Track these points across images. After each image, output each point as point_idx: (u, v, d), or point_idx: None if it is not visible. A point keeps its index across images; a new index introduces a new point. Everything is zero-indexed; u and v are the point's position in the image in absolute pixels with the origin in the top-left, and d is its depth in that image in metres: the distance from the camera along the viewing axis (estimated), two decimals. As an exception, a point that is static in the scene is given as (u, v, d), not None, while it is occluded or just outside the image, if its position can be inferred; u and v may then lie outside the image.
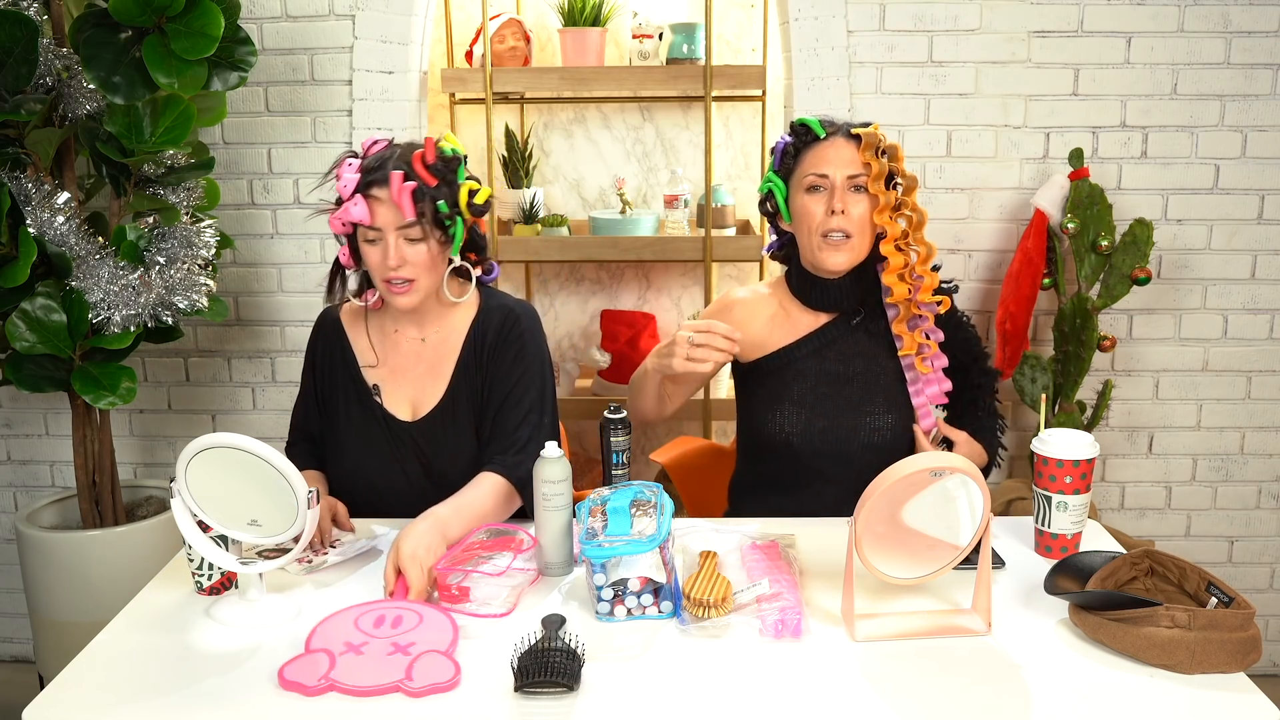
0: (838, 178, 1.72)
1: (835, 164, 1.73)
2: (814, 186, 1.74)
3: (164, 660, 1.29)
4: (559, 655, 1.21)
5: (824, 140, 1.75)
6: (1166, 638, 1.22)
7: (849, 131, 1.74)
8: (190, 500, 1.36)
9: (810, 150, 1.76)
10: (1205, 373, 2.70)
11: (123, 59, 2.03)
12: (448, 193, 1.62)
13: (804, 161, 1.76)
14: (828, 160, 1.73)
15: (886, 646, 1.30)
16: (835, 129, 1.77)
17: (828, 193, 1.73)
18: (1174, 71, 2.54)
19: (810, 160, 1.75)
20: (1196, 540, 2.79)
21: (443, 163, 1.64)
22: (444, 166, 1.64)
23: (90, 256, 2.11)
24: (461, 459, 1.73)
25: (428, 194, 1.60)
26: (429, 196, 1.60)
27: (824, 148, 1.74)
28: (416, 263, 1.62)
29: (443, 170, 1.63)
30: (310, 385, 1.82)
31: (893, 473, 1.27)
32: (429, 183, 1.60)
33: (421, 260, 1.62)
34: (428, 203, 1.60)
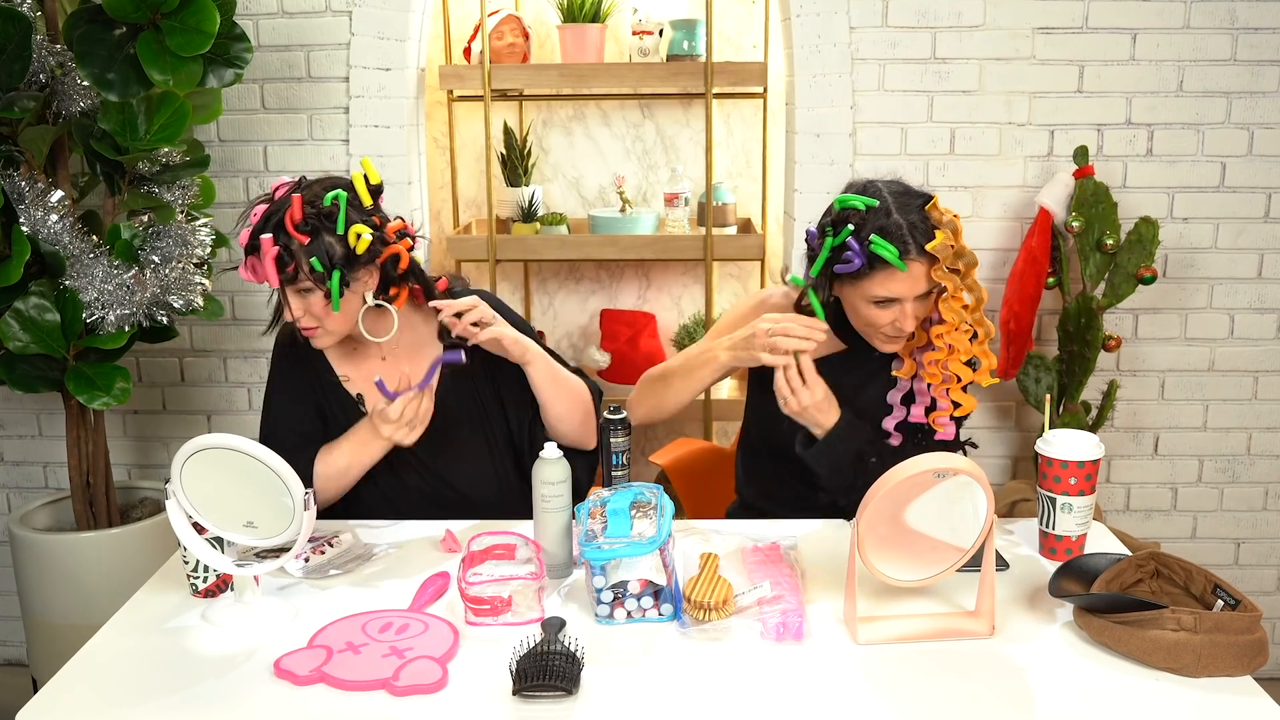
0: (909, 297, 1.62)
1: (908, 288, 1.60)
2: (881, 302, 1.63)
3: (159, 664, 1.29)
4: (558, 658, 1.21)
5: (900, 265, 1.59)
6: (1172, 641, 1.22)
7: (922, 248, 1.58)
8: (185, 502, 1.36)
9: (880, 271, 1.60)
10: (1211, 373, 2.70)
11: (117, 55, 2.03)
12: (321, 249, 1.60)
13: (872, 280, 1.61)
14: (901, 285, 1.60)
15: (889, 650, 1.30)
16: (906, 248, 1.58)
17: (895, 308, 1.63)
18: (1180, 68, 2.54)
19: (879, 282, 1.61)
20: (1202, 542, 2.79)
21: (315, 218, 1.60)
22: (317, 222, 1.60)
23: (84, 255, 2.11)
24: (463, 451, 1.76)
25: (296, 253, 1.59)
26: (301, 255, 1.59)
27: (898, 272, 1.59)
28: (314, 312, 1.65)
29: (315, 226, 1.60)
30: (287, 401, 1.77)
31: (896, 474, 1.27)
32: (300, 241, 1.59)
33: (319, 310, 1.64)
34: (301, 261, 1.59)
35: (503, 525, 1.66)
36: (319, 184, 1.65)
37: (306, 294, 1.63)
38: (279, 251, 1.58)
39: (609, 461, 1.63)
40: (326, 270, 1.60)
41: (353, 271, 1.63)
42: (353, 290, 1.64)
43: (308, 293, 1.63)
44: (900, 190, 1.66)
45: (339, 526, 1.68)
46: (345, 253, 1.61)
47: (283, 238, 1.59)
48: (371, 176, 1.66)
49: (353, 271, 1.63)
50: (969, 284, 1.60)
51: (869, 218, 1.61)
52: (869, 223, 1.60)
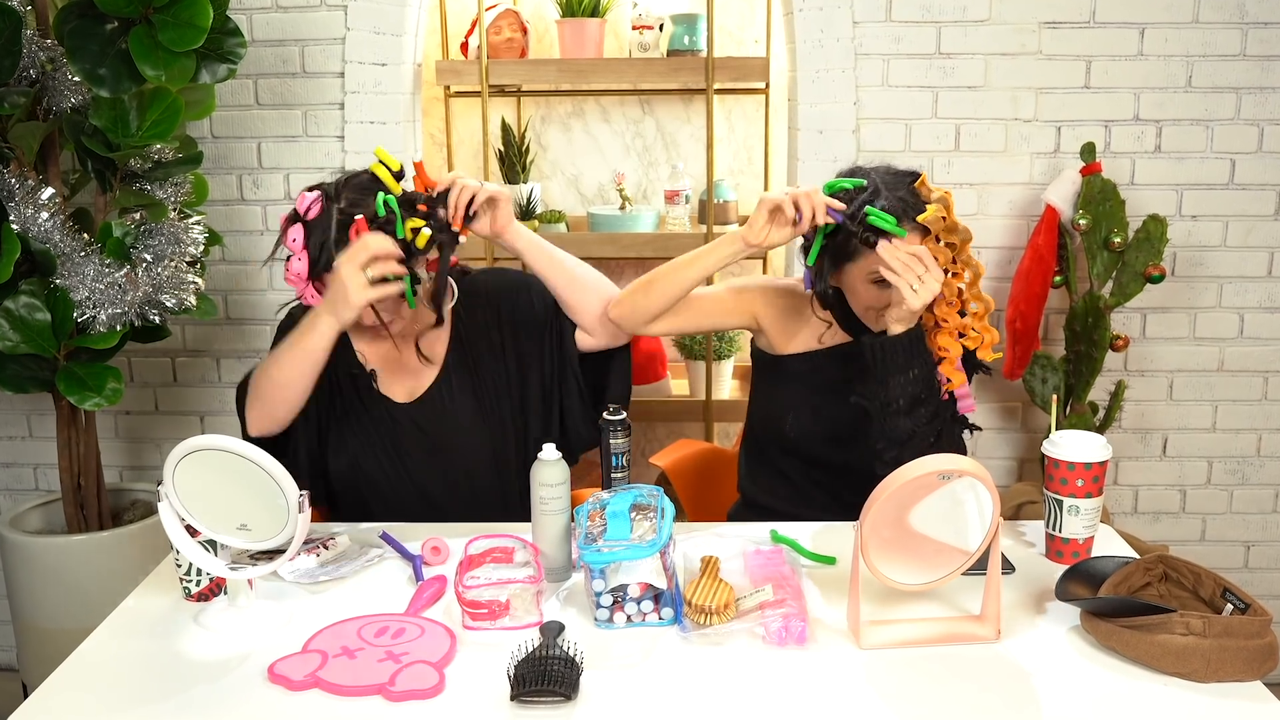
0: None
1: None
2: (879, 280, 1.65)
3: (151, 668, 1.29)
4: (557, 663, 1.21)
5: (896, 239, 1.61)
6: (1181, 645, 1.22)
7: (914, 220, 1.61)
8: (178, 504, 1.36)
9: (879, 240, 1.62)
10: (1221, 373, 2.70)
11: (108, 51, 2.03)
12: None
13: (869, 257, 1.64)
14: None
15: (893, 654, 1.30)
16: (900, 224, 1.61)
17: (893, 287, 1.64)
18: (1188, 64, 2.54)
19: (876, 258, 1.62)
20: (1212, 545, 2.79)
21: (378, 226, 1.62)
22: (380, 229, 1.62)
23: (75, 254, 2.11)
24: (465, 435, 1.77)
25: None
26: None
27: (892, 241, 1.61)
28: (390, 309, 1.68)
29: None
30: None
31: (900, 476, 1.27)
32: None
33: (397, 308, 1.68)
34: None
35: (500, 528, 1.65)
36: (349, 189, 1.66)
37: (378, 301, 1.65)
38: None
39: (608, 463, 1.64)
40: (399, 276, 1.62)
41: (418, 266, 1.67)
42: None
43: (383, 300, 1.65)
44: (888, 171, 1.69)
45: (335, 529, 1.68)
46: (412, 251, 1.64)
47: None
48: (391, 164, 1.68)
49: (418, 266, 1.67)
50: (964, 259, 1.63)
51: (858, 198, 1.64)
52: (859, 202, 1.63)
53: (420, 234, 1.64)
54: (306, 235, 1.63)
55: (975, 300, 1.65)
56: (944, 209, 1.61)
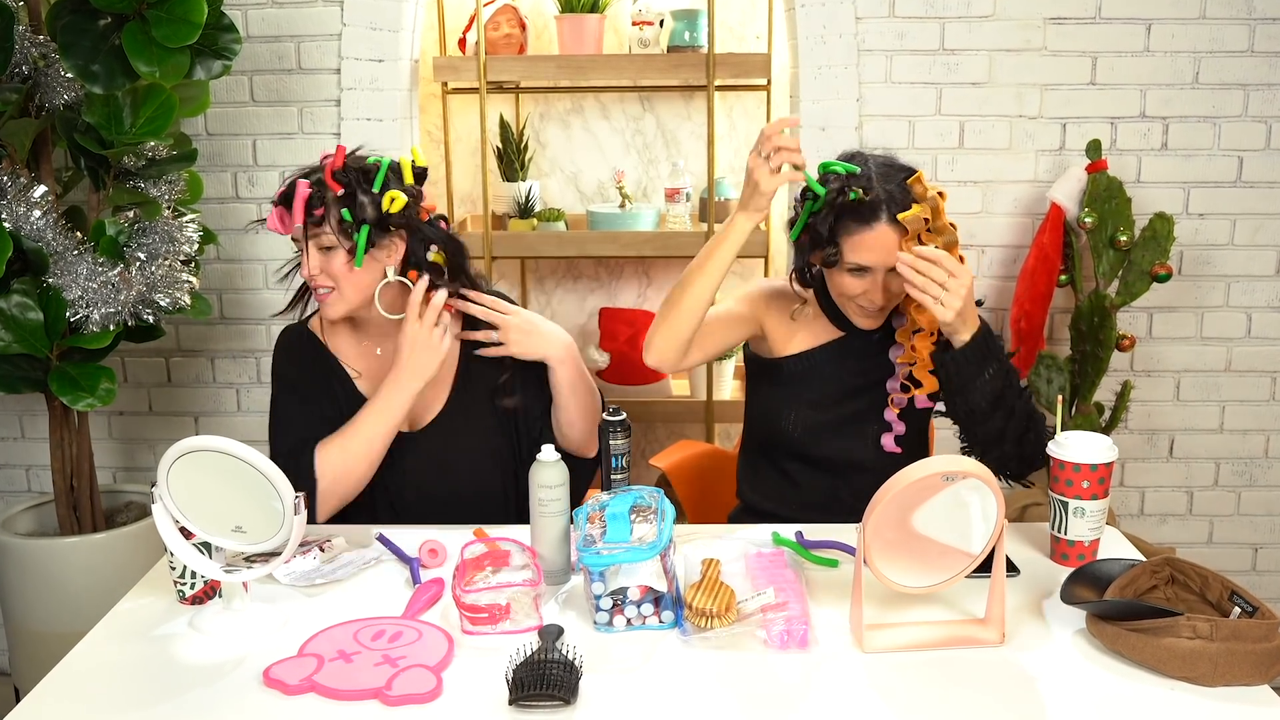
0: (880, 267, 1.65)
1: (878, 255, 1.63)
2: (854, 270, 1.67)
3: (145, 672, 1.29)
4: (556, 667, 1.21)
5: (869, 228, 1.63)
6: (1188, 649, 1.22)
7: (893, 215, 1.61)
8: (172, 506, 1.36)
9: (851, 236, 1.64)
10: (1228, 373, 2.70)
11: (102, 47, 2.03)
12: (353, 202, 1.63)
13: (842, 246, 1.66)
14: (870, 252, 1.64)
15: (896, 658, 1.30)
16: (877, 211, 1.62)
17: (868, 278, 1.66)
18: (1195, 60, 2.54)
19: (850, 247, 1.65)
20: (1219, 547, 2.79)
21: (356, 171, 1.65)
22: (356, 175, 1.65)
23: (68, 252, 2.11)
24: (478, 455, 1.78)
25: (329, 202, 1.63)
26: (333, 204, 1.63)
27: (867, 236, 1.63)
28: (331, 271, 1.67)
29: (351, 179, 1.64)
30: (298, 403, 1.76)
31: (903, 477, 1.27)
32: (334, 190, 1.63)
33: (337, 270, 1.67)
34: (331, 209, 1.63)
35: (498, 530, 1.65)
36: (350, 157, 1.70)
37: (328, 251, 1.65)
38: (311, 193, 1.62)
39: (608, 464, 1.64)
40: (355, 224, 1.62)
41: (380, 233, 1.65)
42: (374, 258, 1.66)
43: (329, 251, 1.65)
44: (886, 161, 1.69)
45: (331, 531, 1.68)
46: (376, 215, 1.64)
47: (318, 186, 1.63)
48: (419, 161, 1.71)
49: (380, 233, 1.65)
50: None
51: (849, 184, 1.64)
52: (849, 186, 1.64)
53: (395, 201, 1.65)
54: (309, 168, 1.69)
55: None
56: (931, 211, 1.61)
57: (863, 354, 1.79)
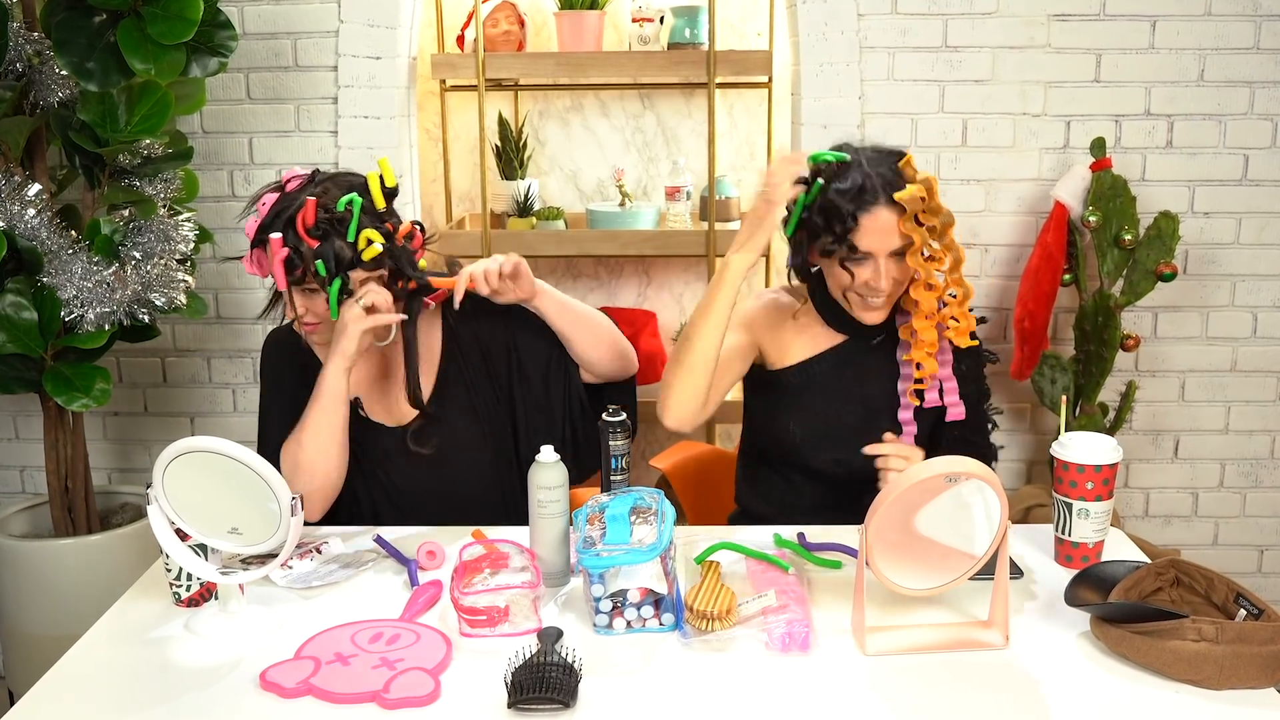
0: (880, 253, 1.64)
1: (878, 239, 1.63)
2: (855, 258, 1.66)
3: (140, 675, 1.29)
4: (555, 670, 1.21)
5: (867, 213, 1.62)
6: (1193, 651, 1.22)
7: (890, 197, 1.61)
8: (168, 507, 1.36)
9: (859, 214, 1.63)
10: (1233, 373, 2.70)
11: (97, 44, 2.03)
12: (331, 250, 1.63)
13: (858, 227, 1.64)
14: (869, 237, 1.63)
15: (898, 661, 1.30)
16: (873, 194, 1.62)
17: (869, 264, 1.65)
18: (1201, 57, 2.54)
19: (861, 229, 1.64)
20: (1224, 549, 2.79)
21: (328, 224, 1.63)
22: (329, 227, 1.63)
23: (63, 251, 2.11)
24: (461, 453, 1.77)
25: (306, 257, 1.63)
26: (309, 258, 1.63)
27: (866, 220, 1.63)
28: (316, 311, 1.69)
29: (326, 231, 1.63)
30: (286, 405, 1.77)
31: (905, 479, 1.27)
32: (309, 245, 1.63)
33: (322, 309, 1.68)
34: (309, 264, 1.63)
35: (497, 532, 1.65)
36: (334, 182, 1.68)
37: (312, 294, 1.67)
38: (288, 254, 1.62)
39: (608, 466, 1.64)
40: (330, 275, 1.63)
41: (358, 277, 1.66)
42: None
43: (313, 293, 1.67)
44: (874, 149, 1.70)
45: (328, 533, 1.68)
46: (353, 257, 1.64)
47: (292, 238, 1.62)
48: (388, 178, 1.69)
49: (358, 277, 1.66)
50: (945, 243, 1.64)
51: (840, 171, 1.65)
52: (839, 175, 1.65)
53: (370, 247, 1.63)
54: (274, 202, 1.66)
55: (955, 286, 1.66)
56: (925, 190, 1.62)
57: (863, 360, 1.78)
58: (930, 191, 1.62)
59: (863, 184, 1.63)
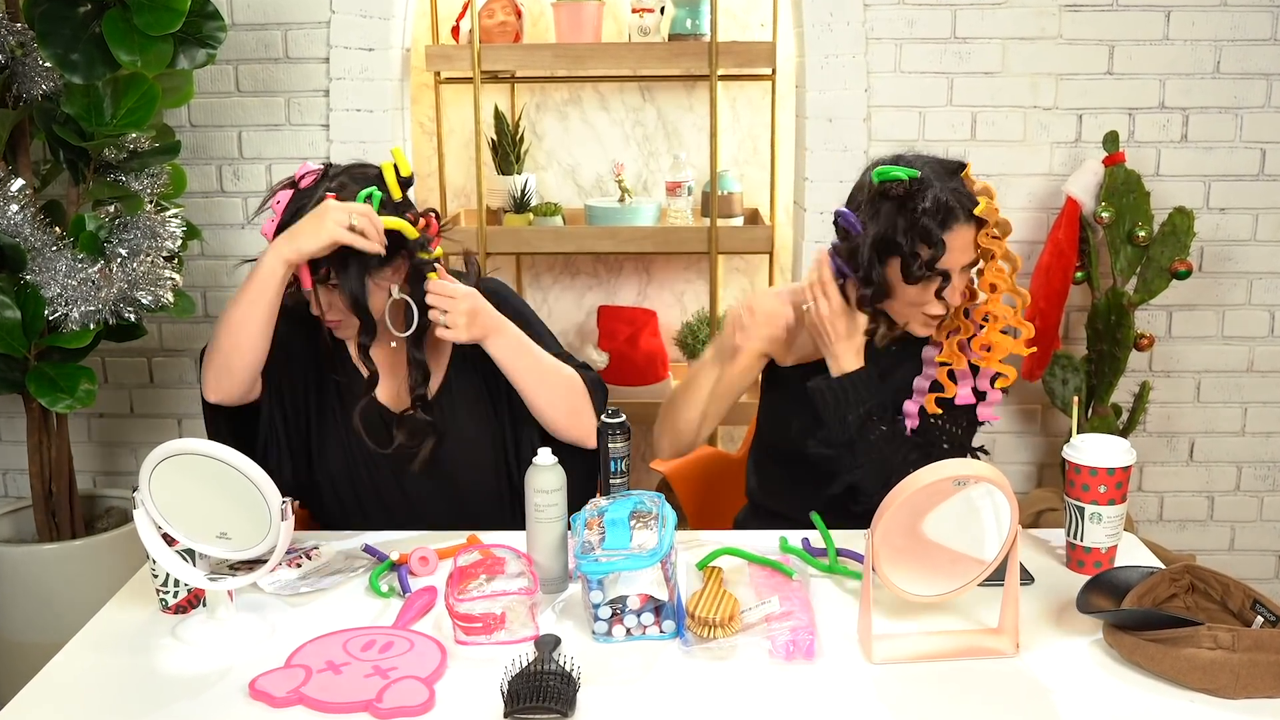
0: (956, 269, 1.65)
1: (958, 256, 1.63)
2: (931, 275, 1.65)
3: (127, 684, 1.29)
4: (553, 679, 1.21)
5: (950, 228, 1.62)
6: (1209, 660, 1.22)
7: (969, 213, 1.62)
8: (154, 511, 1.37)
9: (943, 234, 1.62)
10: (1250, 373, 2.70)
11: (81, 35, 2.03)
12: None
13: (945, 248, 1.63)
14: (951, 255, 1.63)
15: (906, 669, 1.30)
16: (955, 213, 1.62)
17: (950, 283, 1.65)
18: (1216, 48, 2.54)
19: (948, 249, 1.63)
20: (1241, 554, 2.79)
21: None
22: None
23: (46, 248, 2.11)
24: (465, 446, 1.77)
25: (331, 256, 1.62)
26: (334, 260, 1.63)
27: (953, 235, 1.62)
28: (339, 305, 1.68)
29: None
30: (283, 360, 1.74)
31: (912, 482, 1.27)
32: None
33: (344, 305, 1.68)
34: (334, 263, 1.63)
35: (493, 537, 1.66)
36: (348, 175, 1.68)
37: (334, 289, 1.67)
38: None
39: (607, 468, 1.64)
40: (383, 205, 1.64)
41: (380, 270, 1.66)
42: (378, 285, 1.67)
43: (335, 288, 1.67)
44: (936, 160, 1.70)
45: (320, 538, 1.68)
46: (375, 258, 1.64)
47: None
48: (402, 168, 1.69)
49: (380, 270, 1.66)
50: (1003, 251, 1.66)
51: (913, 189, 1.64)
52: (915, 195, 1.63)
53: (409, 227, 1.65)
54: (290, 200, 1.66)
55: (1015, 294, 1.69)
56: (989, 199, 1.64)
57: (873, 361, 1.78)
58: (991, 197, 1.65)
59: (946, 202, 1.62)
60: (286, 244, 1.59)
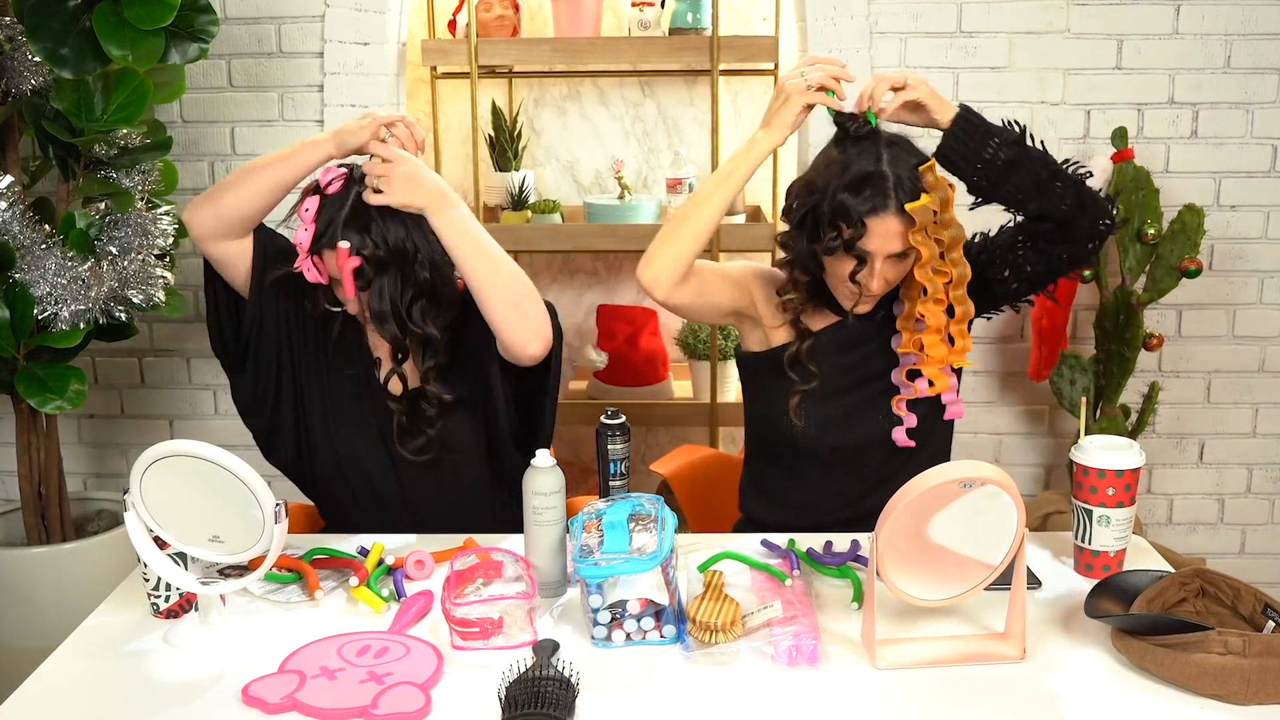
0: (879, 255, 1.64)
1: (881, 243, 1.62)
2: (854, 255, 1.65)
3: (117, 690, 1.29)
4: (551, 685, 1.21)
5: (876, 216, 1.61)
6: (1219, 665, 1.22)
7: (902, 205, 1.60)
8: (145, 514, 1.37)
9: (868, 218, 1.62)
10: (1262, 374, 2.70)
11: (71, 29, 2.03)
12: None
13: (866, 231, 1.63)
14: (873, 240, 1.62)
15: (911, 675, 1.30)
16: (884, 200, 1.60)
17: (871, 267, 1.64)
18: (1227, 43, 2.54)
19: (869, 232, 1.62)
20: (1252, 558, 2.79)
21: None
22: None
23: (35, 246, 2.11)
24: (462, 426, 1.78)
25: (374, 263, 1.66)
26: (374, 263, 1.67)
27: (878, 221, 1.61)
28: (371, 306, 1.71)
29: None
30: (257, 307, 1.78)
31: (918, 484, 1.27)
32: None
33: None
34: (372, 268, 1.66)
35: (490, 540, 1.66)
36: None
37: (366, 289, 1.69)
38: (360, 264, 1.64)
39: (606, 470, 1.64)
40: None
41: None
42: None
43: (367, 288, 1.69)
44: (898, 140, 1.69)
45: (313, 541, 1.68)
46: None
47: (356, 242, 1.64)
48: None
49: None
50: (953, 258, 1.63)
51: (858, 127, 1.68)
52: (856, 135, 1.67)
53: None
54: (320, 208, 1.67)
55: (959, 305, 1.66)
56: (940, 203, 1.60)
57: (862, 339, 1.78)
58: (945, 204, 1.61)
59: (879, 186, 1.61)
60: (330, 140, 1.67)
